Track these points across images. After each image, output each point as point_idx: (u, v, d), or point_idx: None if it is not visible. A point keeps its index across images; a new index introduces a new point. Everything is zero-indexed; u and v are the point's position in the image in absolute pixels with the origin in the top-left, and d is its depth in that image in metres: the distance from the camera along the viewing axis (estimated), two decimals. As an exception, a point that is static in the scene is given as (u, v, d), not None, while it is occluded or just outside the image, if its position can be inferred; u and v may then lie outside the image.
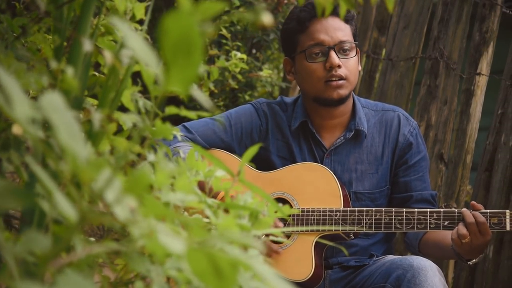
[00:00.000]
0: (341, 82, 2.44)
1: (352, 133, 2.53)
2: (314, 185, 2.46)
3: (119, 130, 1.41)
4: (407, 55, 3.58)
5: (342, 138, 2.54)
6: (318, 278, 2.45)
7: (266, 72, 1.75)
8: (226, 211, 1.42)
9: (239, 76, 1.54)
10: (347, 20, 2.50)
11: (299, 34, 2.49)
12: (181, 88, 0.81)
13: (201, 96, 0.85)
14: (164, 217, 0.98)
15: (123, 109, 1.41)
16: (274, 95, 4.47)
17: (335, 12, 2.47)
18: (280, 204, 2.42)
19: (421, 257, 2.31)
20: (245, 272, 1.26)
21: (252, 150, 1.40)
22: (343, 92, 2.45)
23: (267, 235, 1.54)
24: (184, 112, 1.37)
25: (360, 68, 2.54)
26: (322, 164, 2.52)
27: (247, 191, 1.52)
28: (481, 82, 3.13)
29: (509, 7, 3.04)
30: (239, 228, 1.30)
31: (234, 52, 1.56)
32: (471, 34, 3.18)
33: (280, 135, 2.58)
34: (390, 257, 2.46)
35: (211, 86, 1.52)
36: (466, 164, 3.15)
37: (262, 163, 2.58)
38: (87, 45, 0.97)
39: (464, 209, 2.29)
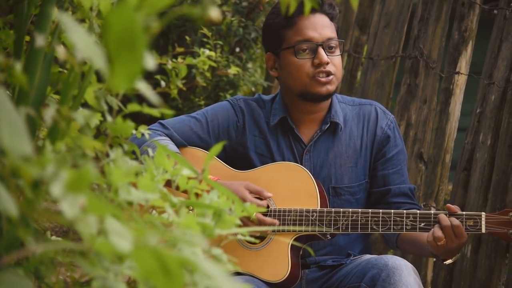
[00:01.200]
0: (329, 78, 2.45)
1: (328, 125, 2.53)
2: (291, 185, 2.45)
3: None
4: (388, 54, 3.57)
5: (318, 131, 2.54)
6: (294, 278, 2.44)
7: (233, 70, 1.72)
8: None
9: (208, 74, 1.53)
10: (332, 18, 2.51)
11: (286, 29, 2.49)
12: (125, 83, 0.80)
13: (148, 92, 0.83)
14: (117, 216, 0.96)
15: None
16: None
17: (322, 9, 2.48)
18: (254, 213, 2.42)
19: (397, 257, 2.31)
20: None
21: (216, 148, 1.38)
22: (331, 87, 2.47)
23: (235, 234, 1.53)
24: (146, 109, 1.35)
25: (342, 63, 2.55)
26: (301, 161, 2.52)
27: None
28: (460, 81, 3.13)
29: (490, 8, 3.03)
30: (201, 227, 1.29)
31: (202, 50, 1.55)
32: (450, 33, 3.18)
33: (258, 132, 2.57)
34: (367, 256, 2.46)
35: (179, 83, 1.51)
36: (445, 164, 3.14)
37: (240, 160, 2.56)
38: (39, 41, 0.95)
39: (441, 213, 2.29)
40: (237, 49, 4.46)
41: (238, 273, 2.44)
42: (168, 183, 1.50)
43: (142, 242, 0.81)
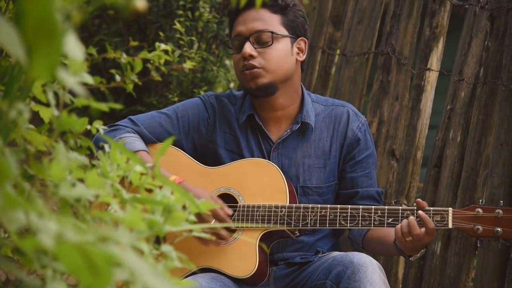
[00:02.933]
0: (255, 71, 2.43)
1: (299, 125, 2.51)
2: (261, 181, 2.43)
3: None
4: (361, 51, 3.56)
5: (288, 131, 2.52)
6: (262, 274, 2.43)
7: (189, 64, 1.71)
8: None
9: (163, 68, 1.51)
10: (275, 11, 2.48)
11: (232, 24, 2.54)
12: (45, 73, 0.77)
13: (71, 82, 0.81)
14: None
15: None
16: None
17: (253, 5, 2.46)
18: (220, 201, 2.39)
19: (362, 254, 2.29)
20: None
21: (167, 143, 1.36)
22: (261, 81, 2.44)
23: (190, 230, 1.51)
24: (94, 104, 1.33)
25: (301, 57, 2.50)
26: (269, 158, 2.50)
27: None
28: (431, 78, 3.12)
29: (460, 4, 3.02)
30: (148, 223, 1.27)
31: (157, 44, 1.52)
32: (422, 29, 3.17)
33: (228, 128, 2.56)
34: (334, 253, 2.44)
35: (135, 78, 1.48)
36: (416, 160, 3.14)
37: (210, 156, 2.55)
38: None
39: (408, 209, 2.28)
40: (214, 46, 4.44)
41: (205, 269, 2.42)
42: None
43: (65, 238, 0.78)
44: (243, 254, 2.38)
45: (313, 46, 3.96)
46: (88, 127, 1.64)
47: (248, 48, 2.42)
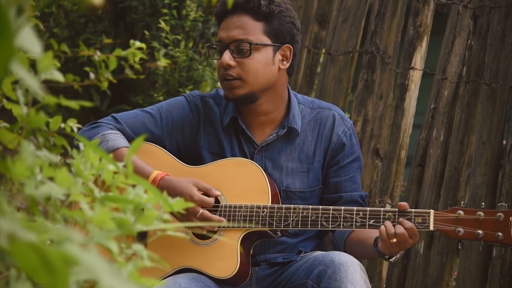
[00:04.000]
0: (233, 82, 2.39)
1: (285, 130, 2.48)
2: (243, 181, 2.41)
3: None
4: (346, 50, 3.55)
5: (274, 135, 2.49)
6: (244, 275, 2.41)
7: (163, 62, 1.69)
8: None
9: (137, 66, 1.50)
10: (259, 18, 2.41)
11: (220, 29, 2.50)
12: (-3, 69, 0.76)
13: (27, 78, 0.79)
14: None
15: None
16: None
17: (242, 8, 2.40)
18: (201, 210, 2.37)
19: (343, 253, 2.28)
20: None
21: (138, 141, 1.34)
22: (238, 92, 2.40)
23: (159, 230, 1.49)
24: (64, 102, 1.31)
25: (285, 65, 2.45)
26: (253, 161, 2.48)
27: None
28: (415, 77, 3.11)
29: (443, 3, 3.01)
30: (117, 222, 1.25)
31: (131, 41, 1.51)
32: (406, 28, 3.16)
33: (212, 130, 2.53)
34: (316, 253, 2.43)
35: (109, 76, 1.47)
36: (400, 160, 3.13)
37: (193, 158, 2.52)
38: None
39: (389, 210, 2.27)
40: (201, 45, 4.42)
41: (187, 269, 2.40)
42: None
43: (17, 237, 0.77)
44: (225, 255, 2.37)
45: (299, 45, 3.95)
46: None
47: (227, 57, 2.38)
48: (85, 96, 4.92)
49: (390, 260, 2.32)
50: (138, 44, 1.54)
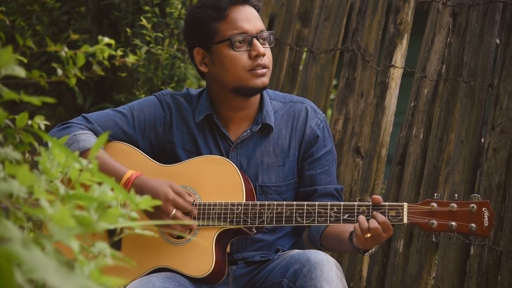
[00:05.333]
0: (264, 70, 2.42)
1: (259, 126, 2.48)
2: (217, 179, 2.40)
3: None
4: (327, 47, 3.54)
5: (248, 131, 2.49)
6: (220, 274, 2.39)
7: (131, 58, 1.68)
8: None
9: (106, 62, 1.48)
10: (258, 10, 2.49)
11: (217, 22, 2.43)
12: None
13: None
14: None
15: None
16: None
17: (249, 1, 2.44)
18: (174, 210, 2.35)
19: (319, 252, 2.27)
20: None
21: (102, 139, 1.33)
22: (266, 80, 2.44)
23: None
24: (25, 98, 1.29)
25: None
26: (228, 158, 2.46)
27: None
28: (396, 75, 3.10)
29: (423, 1, 3.00)
30: (79, 220, 1.23)
31: (100, 37, 1.49)
32: (387, 26, 3.15)
33: (185, 128, 2.52)
34: (293, 251, 2.42)
35: (77, 72, 1.45)
36: (381, 158, 3.12)
37: (168, 156, 2.51)
38: None
39: (363, 204, 2.26)
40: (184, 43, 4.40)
41: (162, 269, 2.39)
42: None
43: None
44: (200, 253, 2.35)
45: (281, 43, 3.94)
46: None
47: (261, 47, 2.41)
48: (68, 94, 4.90)
49: (365, 254, 2.31)
50: (106, 40, 1.52)
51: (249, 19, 2.43)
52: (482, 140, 2.57)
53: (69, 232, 1.22)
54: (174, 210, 2.32)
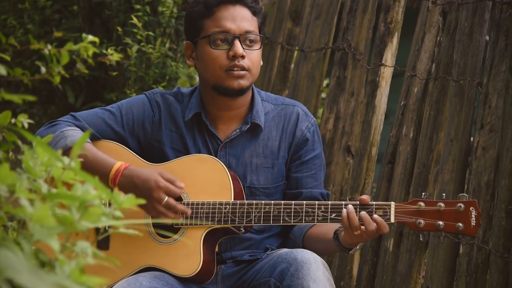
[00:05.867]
0: (242, 72, 2.39)
1: (248, 126, 2.48)
2: (205, 178, 2.39)
3: None
4: (318, 46, 3.53)
5: (237, 130, 2.48)
6: (208, 273, 2.39)
7: (115, 56, 1.67)
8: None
9: (90, 60, 1.47)
10: (255, 12, 2.46)
11: (205, 18, 2.44)
12: None
13: None
14: None
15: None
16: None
17: (243, 2, 2.43)
18: (166, 197, 2.34)
19: (307, 251, 2.27)
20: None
21: (84, 137, 1.32)
22: (244, 83, 2.40)
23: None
24: (6, 96, 1.28)
25: (261, 62, 2.50)
26: (216, 157, 2.46)
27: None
28: (386, 74, 3.09)
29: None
30: (58, 219, 1.22)
31: (84, 35, 1.48)
32: (377, 24, 3.14)
33: (174, 127, 2.51)
34: (281, 250, 2.41)
35: (61, 70, 1.44)
36: (371, 157, 3.11)
37: (156, 155, 2.50)
38: None
39: (349, 203, 2.25)
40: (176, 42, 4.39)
41: (150, 268, 2.38)
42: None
43: None
44: (187, 253, 2.34)
45: (273, 42, 3.93)
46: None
47: (241, 48, 2.38)
48: (60, 93, 4.88)
49: (350, 252, 2.30)
50: (90, 38, 1.51)
51: (235, 18, 2.41)
52: (472, 139, 2.56)
53: (49, 231, 1.21)
54: (167, 197, 2.31)
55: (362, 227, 2.19)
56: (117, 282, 2.31)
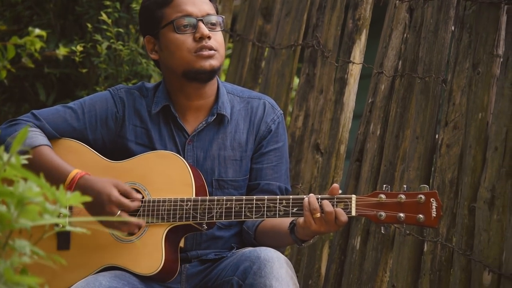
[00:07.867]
0: (212, 52, 2.39)
1: (214, 117, 2.46)
2: (167, 174, 2.37)
3: None
4: (288, 43, 3.51)
5: (204, 122, 2.46)
6: (170, 271, 2.36)
7: (62, 50, 1.63)
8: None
9: (36, 54, 1.44)
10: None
11: (164, 8, 2.42)
12: None
13: None
14: None
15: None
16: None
17: None
18: (119, 212, 2.30)
19: (270, 249, 2.25)
20: None
21: (23, 133, 1.29)
22: (215, 63, 2.40)
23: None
24: None
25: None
26: (184, 151, 2.44)
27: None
28: (354, 71, 3.08)
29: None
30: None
31: (30, 28, 1.45)
32: (346, 21, 3.13)
33: (139, 121, 2.48)
34: (245, 249, 2.39)
35: (7, 64, 1.41)
36: (339, 154, 3.09)
37: (121, 151, 2.47)
38: None
39: (309, 196, 2.22)
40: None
41: (111, 267, 2.34)
42: None
43: None
44: (149, 251, 2.32)
45: (244, 39, 3.90)
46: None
47: (206, 29, 2.38)
48: (31, 91, 4.83)
49: (303, 245, 2.28)
50: (37, 31, 1.48)
51: (195, 2, 2.42)
52: (436, 136, 2.55)
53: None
54: (119, 211, 2.28)
55: (322, 214, 2.17)
56: (76, 282, 2.27)
